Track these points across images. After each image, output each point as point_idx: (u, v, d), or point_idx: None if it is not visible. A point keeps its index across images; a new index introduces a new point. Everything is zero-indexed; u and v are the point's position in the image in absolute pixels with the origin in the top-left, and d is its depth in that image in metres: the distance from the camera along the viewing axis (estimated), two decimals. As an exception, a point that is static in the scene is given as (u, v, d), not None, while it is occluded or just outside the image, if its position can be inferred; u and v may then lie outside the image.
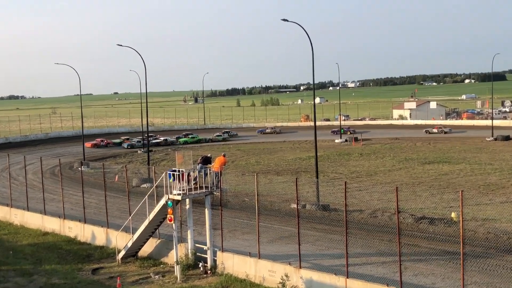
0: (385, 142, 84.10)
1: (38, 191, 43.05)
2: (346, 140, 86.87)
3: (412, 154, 67.82)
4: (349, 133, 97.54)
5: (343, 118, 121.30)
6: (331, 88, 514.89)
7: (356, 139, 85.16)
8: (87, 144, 79.32)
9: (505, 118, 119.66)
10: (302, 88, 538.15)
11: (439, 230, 29.96)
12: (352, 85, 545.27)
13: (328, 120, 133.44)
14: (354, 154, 68.95)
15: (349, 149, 76.40)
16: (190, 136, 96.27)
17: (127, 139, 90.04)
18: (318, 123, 70.58)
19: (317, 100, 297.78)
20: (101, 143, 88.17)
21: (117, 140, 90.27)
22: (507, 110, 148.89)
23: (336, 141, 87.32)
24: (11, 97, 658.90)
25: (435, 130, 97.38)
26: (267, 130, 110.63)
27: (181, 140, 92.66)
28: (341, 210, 32.36)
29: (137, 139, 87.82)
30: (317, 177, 40.54)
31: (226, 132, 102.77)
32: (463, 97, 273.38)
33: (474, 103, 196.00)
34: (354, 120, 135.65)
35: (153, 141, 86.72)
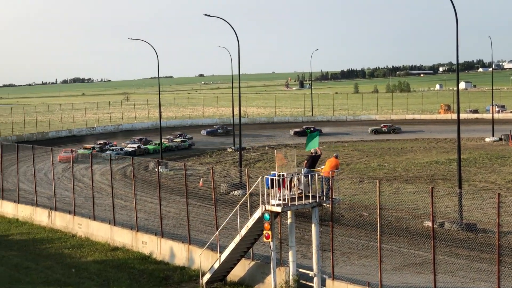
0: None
1: (106, 196, 44.89)
2: (500, 139, 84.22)
3: None
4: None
5: (497, 109, 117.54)
6: (480, 69, 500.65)
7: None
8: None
9: None
10: (441, 69, 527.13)
11: None
12: (510, 65, 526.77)
13: (476, 111, 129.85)
14: None
15: (504, 150, 74.07)
16: (181, 138, 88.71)
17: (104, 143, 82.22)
18: (462, 116, 68.66)
19: (462, 85, 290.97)
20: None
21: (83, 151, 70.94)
22: None
23: (487, 139, 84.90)
24: (75, 80, 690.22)
25: None
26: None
27: (150, 147, 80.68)
28: (492, 231, 31.45)
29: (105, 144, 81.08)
30: (460, 187, 39.68)
31: (181, 135, 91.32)
32: None
33: None
34: None
35: (112, 149, 77.08)
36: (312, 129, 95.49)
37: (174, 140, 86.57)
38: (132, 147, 77.52)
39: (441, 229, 34.82)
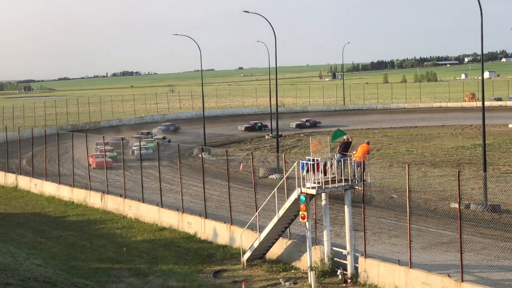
0: None
1: (154, 180, 45.30)
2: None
3: None
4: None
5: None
6: (504, 59, 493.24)
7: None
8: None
9: None
10: (466, 60, 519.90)
11: None
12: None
13: (500, 99, 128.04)
14: (534, 143, 65.89)
15: (527, 136, 72.97)
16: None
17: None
18: (487, 104, 67.52)
19: (486, 74, 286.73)
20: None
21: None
22: None
23: (510, 125, 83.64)
24: (125, 74, 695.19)
25: None
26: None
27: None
28: (514, 211, 31.10)
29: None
30: (484, 171, 39.26)
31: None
32: None
33: None
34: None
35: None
36: (260, 124, 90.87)
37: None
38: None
39: (467, 210, 34.50)
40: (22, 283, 23.09)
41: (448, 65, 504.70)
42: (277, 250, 29.21)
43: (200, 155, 51.86)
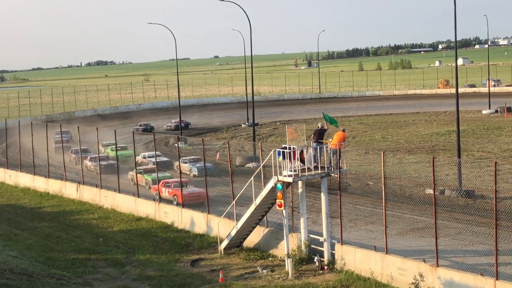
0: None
1: (130, 170, 44.97)
2: (496, 111, 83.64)
3: None
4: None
5: (493, 83, 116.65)
6: (477, 46, 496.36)
7: (509, 110, 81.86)
8: None
9: None
10: (440, 47, 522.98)
11: None
12: (505, 42, 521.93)
13: (473, 86, 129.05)
14: (507, 128, 66.40)
15: (500, 121, 73.60)
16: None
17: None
18: (460, 90, 67.94)
19: (460, 61, 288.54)
20: None
21: None
22: None
23: (484, 112, 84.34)
24: (99, 63, 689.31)
25: None
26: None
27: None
28: (489, 197, 31.44)
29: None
30: (459, 157, 39.57)
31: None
32: None
33: None
34: (506, 85, 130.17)
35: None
36: (150, 126, 78.75)
37: None
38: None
39: (441, 196, 34.81)
40: (-3, 275, 22.91)
41: (422, 52, 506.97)
42: (254, 238, 29.28)
43: (176, 145, 51.85)
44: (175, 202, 36.23)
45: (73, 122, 79.77)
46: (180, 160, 42.01)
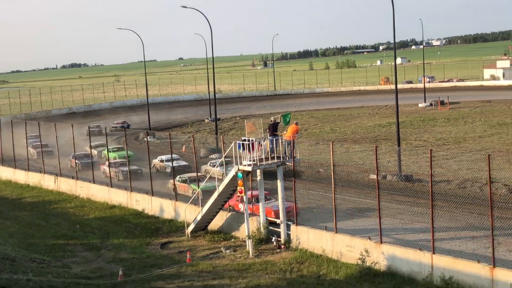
0: (475, 106, 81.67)
1: (103, 162, 44.47)
2: (431, 104, 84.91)
3: (506, 118, 65.66)
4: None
5: (428, 80, 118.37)
6: (413, 47, 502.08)
7: (442, 103, 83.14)
8: None
9: None
10: (381, 48, 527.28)
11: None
12: (438, 43, 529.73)
13: (410, 82, 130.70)
14: (440, 120, 67.45)
15: (434, 114, 74.74)
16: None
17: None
18: (399, 86, 68.91)
19: (398, 60, 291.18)
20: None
21: None
22: None
23: (420, 105, 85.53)
24: (73, 65, 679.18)
25: None
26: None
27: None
28: (425, 180, 31.87)
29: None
30: (398, 145, 39.98)
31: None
32: None
33: None
34: (440, 81, 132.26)
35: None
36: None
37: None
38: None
39: (384, 180, 35.12)
40: (-18, 261, 22.54)
41: (365, 53, 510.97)
42: (218, 222, 29.30)
43: (145, 139, 51.44)
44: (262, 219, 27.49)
45: (50, 119, 78.42)
46: (209, 164, 38.72)
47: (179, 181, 34.96)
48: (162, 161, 43.12)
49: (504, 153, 43.64)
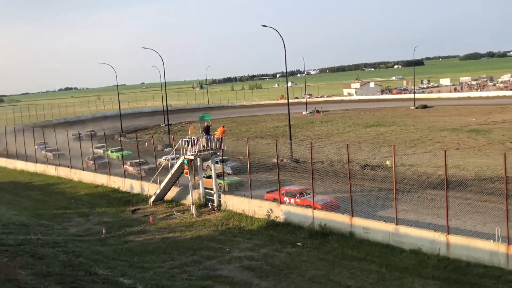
0: (338, 113, 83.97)
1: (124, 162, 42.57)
2: (310, 112, 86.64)
3: (357, 120, 67.95)
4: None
5: (308, 96, 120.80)
6: (298, 75, 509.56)
7: (317, 111, 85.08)
8: None
9: (423, 92, 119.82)
10: (278, 75, 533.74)
11: (378, 174, 30.27)
12: (314, 72, 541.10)
13: (297, 98, 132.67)
14: (317, 122, 68.96)
15: (312, 118, 76.35)
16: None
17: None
18: (290, 101, 69.90)
19: (289, 84, 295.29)
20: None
21: None
22: (425, 86, 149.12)
23: (304, 113, 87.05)
24: (67, 89, 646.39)
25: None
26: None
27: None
28: (308, 162, 32.57)
29: None
30: (290, 139, 40.62)
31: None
32: (393, 78, 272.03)
33: (401, 82, 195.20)
34: (316, 97, 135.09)
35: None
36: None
37: None
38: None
39: (282, 163, 35.57)
40: (4, 226, 21.39)
41: (267, 79, 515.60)
42: (171, 194, 28.84)
43: (119, 138, 49.92)
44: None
45: (51, 127, 74.59)
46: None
47: (204, 177, 27.98)
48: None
49: (357, 142, 45.19)
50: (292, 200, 23.72)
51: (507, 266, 15.63)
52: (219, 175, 27.12)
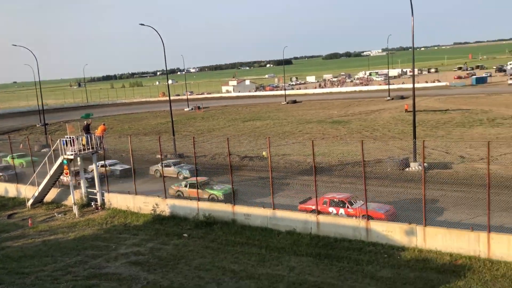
0: (218, 109, 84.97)
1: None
2: (192, 109, 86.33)
3: (236, 115, 69.50)
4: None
5: (189, 93, 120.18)
6: (179, 72, 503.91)
7: (198, 108, 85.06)
8: None
9: (292, 89, 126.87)
10: (158, 73, 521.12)
11: (256, 164, 31.38)
12: (194, 70, 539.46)
13: (178, 95, 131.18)
14: (198, 118, 68.99)
15: (194, 114, 76.18)
16: None
17: None
18: (172, 98, 68.90)
19: (170, 81, 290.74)
20: None
21: None
22: (294, 83, 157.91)
23: (185, 109, 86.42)
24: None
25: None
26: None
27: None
28: (192, 156, 32.47)
29: None
30: (173, 135, 40.16)
31: None
32: (266, 76, 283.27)
33: (273, 80, 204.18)
34: (196, 94, 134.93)
35: None
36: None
37: None
38: None
39: (166, 158, 34.82)
40: None
41: (148, 77, 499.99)
42: (51, 195, 26.63)
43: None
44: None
45: None
46: (164, 164, 27.96)
47: (186, 186, 23.68)
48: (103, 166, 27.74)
49: (236, 136, 46.27)
50: (341, 210, 18.71)
51: (367, 238, 17.38)
52: (202, 184, 22.80)
